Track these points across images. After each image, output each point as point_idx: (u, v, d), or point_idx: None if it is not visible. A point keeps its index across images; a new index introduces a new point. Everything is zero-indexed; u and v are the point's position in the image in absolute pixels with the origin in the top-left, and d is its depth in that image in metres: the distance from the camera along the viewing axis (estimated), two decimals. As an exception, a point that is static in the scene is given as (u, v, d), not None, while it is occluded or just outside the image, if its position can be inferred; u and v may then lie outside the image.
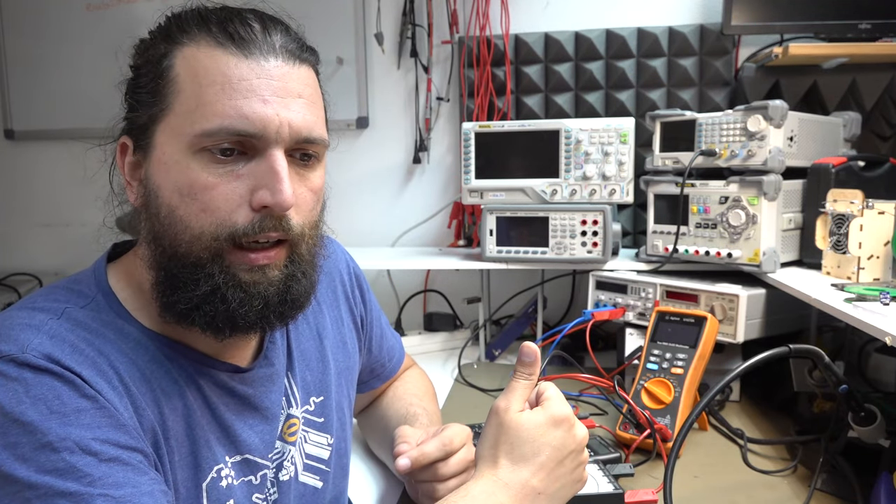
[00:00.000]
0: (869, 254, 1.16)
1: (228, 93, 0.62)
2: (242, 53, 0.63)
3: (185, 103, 0.63)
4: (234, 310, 0.64)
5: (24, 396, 0.57)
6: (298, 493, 0.81)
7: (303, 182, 0.68)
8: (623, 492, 0.87)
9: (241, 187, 0.63)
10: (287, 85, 0.65)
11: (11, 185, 2.25)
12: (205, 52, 0.64)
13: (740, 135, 1.29)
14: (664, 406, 1.09)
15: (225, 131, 0.62)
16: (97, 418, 0.58)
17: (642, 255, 1.48)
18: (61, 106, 2.14)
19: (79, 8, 2.10)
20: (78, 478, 0.55)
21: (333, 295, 0.93)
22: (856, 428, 0.95)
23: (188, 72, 0.64)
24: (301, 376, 0.83)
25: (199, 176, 0.63)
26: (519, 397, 0.73)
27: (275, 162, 0.63)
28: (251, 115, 0.62)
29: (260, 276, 0.65)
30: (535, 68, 1.81)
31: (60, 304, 0.65)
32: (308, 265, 0.70)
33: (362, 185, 1.98)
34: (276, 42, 0.65)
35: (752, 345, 1.25)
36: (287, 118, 0.64)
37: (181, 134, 0.63)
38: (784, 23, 1.62)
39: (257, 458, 0.75)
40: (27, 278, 2.13)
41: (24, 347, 0.59)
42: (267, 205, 0.63)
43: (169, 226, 0.64)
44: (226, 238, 0.63)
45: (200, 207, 0.63)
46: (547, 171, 1.50)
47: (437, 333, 1.78)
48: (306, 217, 0.68)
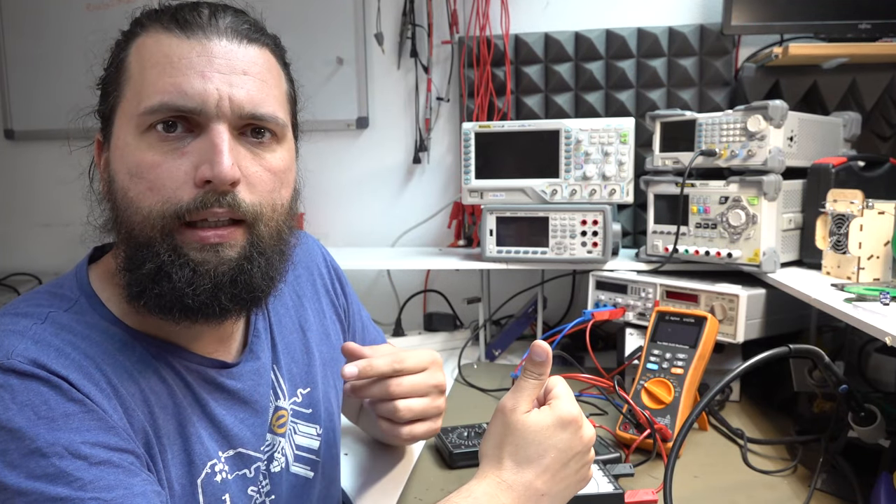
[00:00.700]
0: (869, 254, 1.16)
1: (168, 71, 0.63)
2: (185, 35, 0.64)
3: (133, 87, 0.65)
4: (180, 289, 0.63)
5: (11, 403, 0.56)
6: (290, 484, 0.81)
7: (257, 160, 0.67)
8: (623, 492, 0.87)
9: (185, 164, 0.63)
10: (231, 62, 0.65)
11: (11, 185, 2.25)
12: (153, 38, 0.65)
13: (740, 135, 1.29)
14: (664, 406, 1.09)
15: (165, 107, 0.62)
16: (86, 422, 0.58)
17: (642, 255, 1.48)
18: (61, 106, 2.13)
19: (79, 8, 2.10)
20: (68, 482, 0.55)
21: (313, 288, 0.93)
22: (856, 428, 0.95)
23: (137, 59, 0.66)
24: (287, 368, 0.83)
25: (145, 155, 0.63)
26: (527, 397, 0.71)
27: (215, 135, 0.63)
28: (189, 91, 0.62)
29: (211, 256, 0.64)
30: (535, 68, 1.81)
31: (44, 308, 0.65)
32: (269, 248, 0.68)
33: (362, 185, 1.98)
34: (222, 24, 0.66)
35: (752, 345, 1.25)
36: (228, 93, 0.63)
37: (130, 116, 0.64)
38: (784, 23, 1.62)
39: (250, 451, 0.75)
40: (27, 278, 2.13)
41: (10, 353, 0.59)
42: (208, 178, 0.62)
43: (124, 209, 0.65)
44: (171, 216, 0.63)
45: (147, 186, 0.63)
46: (547, 171, 1.50)
47: (437, 333, 1.78)
48: (263, 197, 0.67)
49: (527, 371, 0.72)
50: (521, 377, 0.73)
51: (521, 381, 0.72)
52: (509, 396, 0.72)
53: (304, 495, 0.84)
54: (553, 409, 0.70)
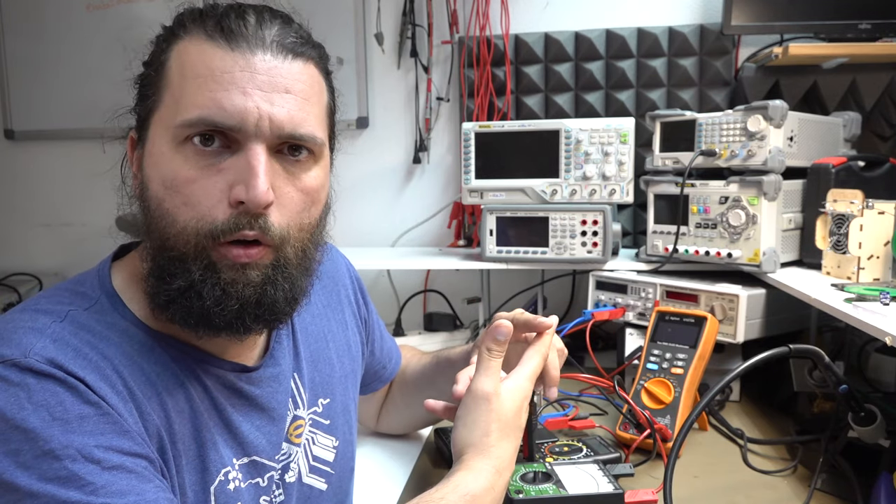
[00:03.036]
0: (869, 254, 1.16)
1: (210, 84, 0.61)
2: (229, 46, 0.62)
3: (171, 95, 0.64)
4: (209, 308, 0.63)
5: (27, 402, 0.56)
6: (303, 496, 0.80)
7: (290, 181, 0.65)
8: (623, 492, 0.87)
9: (220, 182, 0.62)
10: (273, 79, 0.63)
11: (11, 185, 2.25)
12: (195, 45, 0.64)
13: (740, 135, 1.29)
14: (664, 406, 1.09)
15: (202, 122, 0.61)
16: (100, 425, 0.57)
17: (642, 255, 1.48)
18: (61, 106, 2.14)
19: (79, 8, 2.10)
20: (80, 486, 0.54)
21: (337, 299, 0.93)
22: (856, 428, 0.95)
23: (178, 65, 0.64)
24: (310, 377, 0.82)
25: (181, 169, 0.62)
26: (498, 377, 0.75)
27: (252, 157, 0.62)
28: (229, 108, 0.61)
29: (239, 276, 0.64)
30: (535, 68, 1.81)
31: (64, 306, 0.64)
32: (295, 269, 0.67)
33: (362, 185, 1.98)
34: (268, 36, 0.64)
35: (752, 345, 1.25)
36: (268, 112, 0.62)
37: (167, 126, 0.63)
38: (784, 23, 1.62)
39: (264, 459, 0.74)
40: (27, 278, 2.13)
41: (27, 352, 0.58)
42: (242, 200, 0.61)
43: (158, 218, 0.64)
44: (206, 234, 0.62)
45: (183, 201, 0.62)
46: (547, 171, 1.50)
47: (437, 333, 1.77)
48: (291, 218, 0.66)
49: (492, 350, 0.76)
50: (486, 357, 0.76)
51: (489, 362, 0.76)
52: (485, 380, 0.75)
53: None
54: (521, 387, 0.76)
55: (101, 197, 0.75)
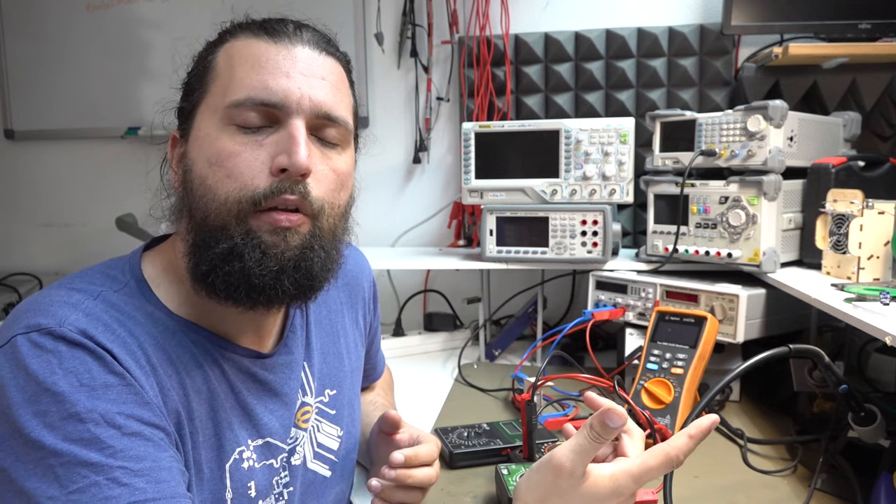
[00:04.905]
0: (869, 254, 1.16)
1: (257, 70, 0.69)
2: (273, 40, 0.70)
3: (220, 84, 0.70)
4: (249, 268, 0.66)
5: (58, 368, 0.59)
6: (307, 480, 0.83)
7: (325, 160, 0.71)
8: (623, 492, 0.87)
9: (262, 154, 0.68)
10: (311, 67, 0.71)
11: (11, 185, 2.25)
12: (242, 42, 0.71)
13: (740, 135, 1.29)
14: (664, 406, 1.09)
15: (251, 101, 0.67)
16: (123, 394, 0.61)
17: (642, 255, 1.48)
18: (61, 106, 2.14)
19: (79, 8, 2.10)
20: (100, 449, 0.58)
21: (355, 299, 0.98)
22: (856, 428, 0.95)
23: (226, 59, 0.71)
24: (318, 368, 0.86)
25: (225, 145, 0.68)
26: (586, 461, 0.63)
27: (294, 129, 0.68)
28: (274, 87, 0.68)
29: (280, 240, 0.68)
30: (535, 68, 1.81)
31: (96, 286, 0.69)
32: (328, 243, 0.72)
33: (362, 185, 1.96)
34: (305, 36, 0.72)
35: (752, 345, 1.25)
36: (308, 92, 0.69)
37: (215, 110, 0.69)
38: (784, 23, 1.62)
39: (277, 441, 0.78)
40: (27, 278, 2.13)
41: (62, 322, 0.62)
42: (284, 167, 0.66)
43: (201, 196, 0.68)
44: (248, 201, 0.66)
45: (226, 174, 0.67)
46: (547, 171, 1.50)
47: (437, 333, 1.78)
48: (327, 194, 0.71)
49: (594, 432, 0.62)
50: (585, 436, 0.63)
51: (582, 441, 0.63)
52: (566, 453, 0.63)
53: (321, 494, 0.85)
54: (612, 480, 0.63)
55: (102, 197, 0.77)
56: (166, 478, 0.60)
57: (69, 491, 0.56)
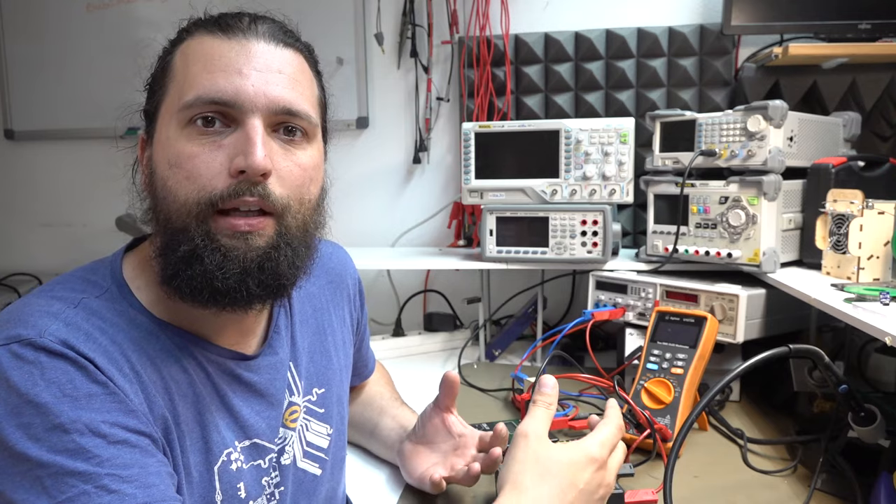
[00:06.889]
0: (869, 254, 1.16)
1: (209, 68, 0.67)
2: (226, 36, 0.68)
3: (177, 84, 0.69)
4: (211, 272, 0.66)
5: (40, 379, 0.59)
6: (298, 479, 0.83)
7: (288, 156, 0.70)
8: (623, 492, 0.87)
9: (221, 156, 0.66)
10: (267, 61, 0.68)
11: (11, 185, 2.26)
12: (197, 41, 0.69)
13: (740, 135, 1.29)
14: (664, 406, 1.09)
15: (200, 101, 0.66)
16: (107, 403, 0.61)
17: (642, 255, 1.48)
18: (61, 106, 2.14)
19: (79, 8, 2.10)
20: (87, 458, 0.58)
21: (340, 297, 0.97)
22: (856, 428, 0.95)
23: (182, 59, 0.70)
24: (305, 367, 0.86)
25: (184, 147, 0.66)
26: (545, 424, 0.76)
27: (250, 129, 0.66)
28: (225, 85, 0.66)
29: (240, 243, 0.67)
30: (535, 68, 1.81)
31: (77, 293, 0.68)
32: (296, 239, 0.70)
33: (362, 185, 1.98)
34: (261, 29, 0.70)
35: (752, 345, 1.25)
36: (263, 89, 0.67)
37: (172, 112, 0.68)
38: (784, 23, 1.62)
39: (265, 442, 0.78)
40: (27, 278, 2.13)
41: (42, 332, 0.61)
42: (242, 169, 0.65)
43: (163, 198, 0.68)
44: (206, 203, 0.65)
45: (185, 175, 0.66)
46: (547, 171, 1.50)
47: (437, 333, 1.78)
48: (292, 191, 0.69)
49: (538, 400, 0.78)
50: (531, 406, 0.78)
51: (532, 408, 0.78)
52: (525, 421, 0.76)
53: (312, 492, 0.85)
54: (582, 446, 0.75)
55: (102, 197, 0.77)
56: (155, 482, 0.60)
57: (58, 501, 0.56)
